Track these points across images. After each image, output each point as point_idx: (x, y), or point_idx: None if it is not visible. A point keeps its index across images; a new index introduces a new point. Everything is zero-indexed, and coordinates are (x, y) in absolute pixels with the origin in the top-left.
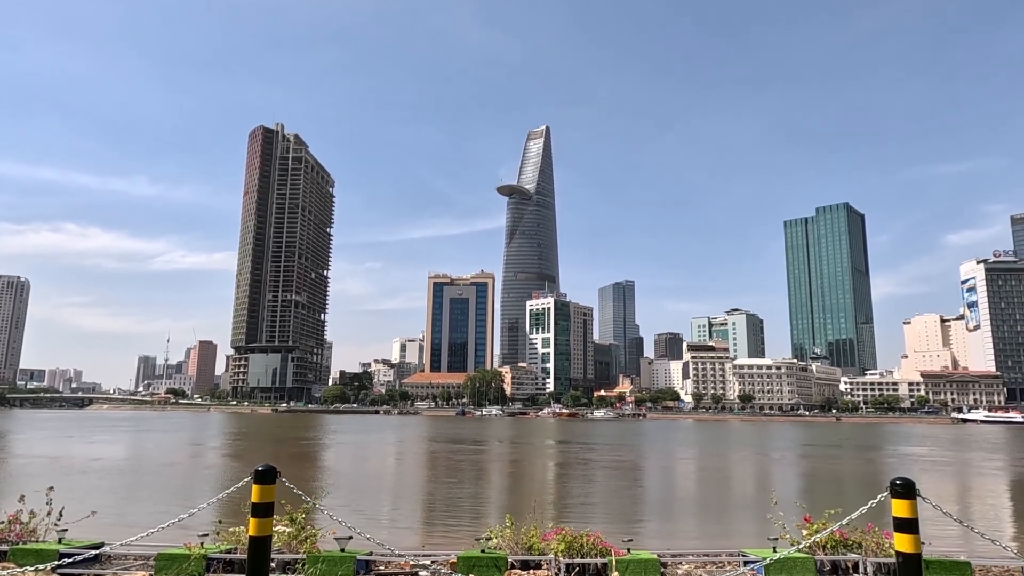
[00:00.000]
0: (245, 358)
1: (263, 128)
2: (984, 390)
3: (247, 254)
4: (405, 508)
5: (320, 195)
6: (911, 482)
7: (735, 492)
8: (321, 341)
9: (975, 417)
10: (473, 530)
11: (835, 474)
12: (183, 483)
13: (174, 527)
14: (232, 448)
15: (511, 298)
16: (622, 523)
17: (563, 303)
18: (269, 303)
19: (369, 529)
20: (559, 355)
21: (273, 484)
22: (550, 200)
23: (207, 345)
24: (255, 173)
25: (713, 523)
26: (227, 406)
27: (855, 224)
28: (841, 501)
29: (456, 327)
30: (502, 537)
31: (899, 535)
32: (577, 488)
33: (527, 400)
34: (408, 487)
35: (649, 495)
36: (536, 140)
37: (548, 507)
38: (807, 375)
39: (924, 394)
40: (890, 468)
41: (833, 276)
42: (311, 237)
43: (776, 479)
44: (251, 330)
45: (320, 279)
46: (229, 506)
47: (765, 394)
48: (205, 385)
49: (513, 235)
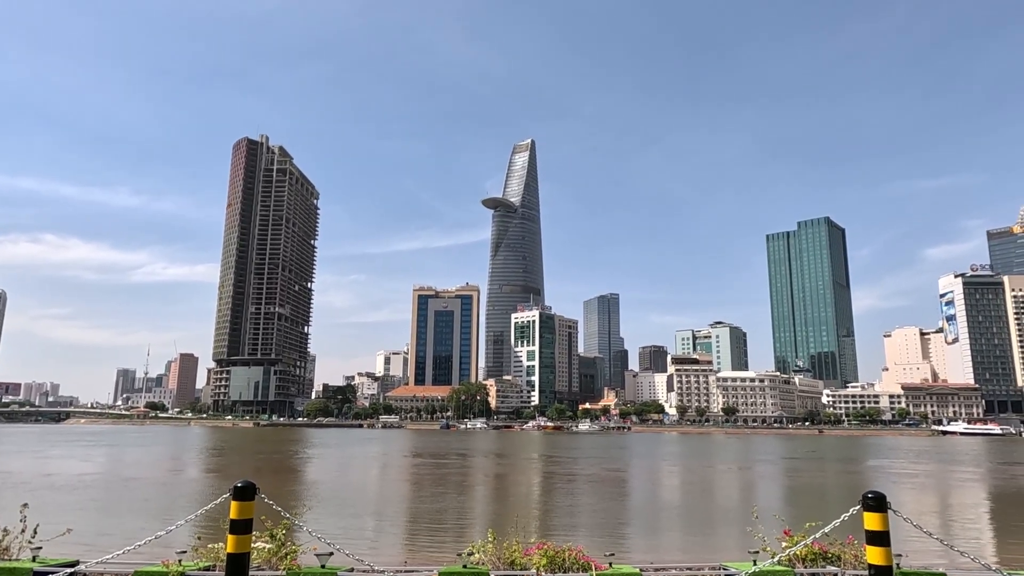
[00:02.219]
0: (227, 371)
1: (247, 139)
2: (963, 402)
3: (230, 266)
4: (388, 523)
5: (304, 207)
6: (882, 495)
7: (718, 505)
8: (304, 354)
9: (955, 429)
10: (456, 545)
11: (817, 487)
12: (161, 499)
13: (152, 544)
14: (213, 463)
15: (496, 311)
16: (606, 537)
17: (548, 316)
18: (252, 315)
19: (351, 545)
20: (544, 368)
21: (252, 500)
22: (535, 213)
23: (188, 358)
24: (239, 184)
25: (696, 536)
26: (208, 420)
27: (836, 238)
28: (822, 514)
29: (441, 340)
30: (484, 552)
31: (871, 548)
32: (561, 502)
33: (512, 413)
34: (391, 502)
35: (633, 508)
36: (522, 153)
37: (532, 521)
38: (790, 388)
39: (905, 406)
40: (870, 481)
41: (815, 289)
42: (295, 249)
43: (759, 492)
44: (233, 343)
45: (304, 291)
46: (209, 523)
47: (749, 407)
48: (186, 399)
49: (498, 248)
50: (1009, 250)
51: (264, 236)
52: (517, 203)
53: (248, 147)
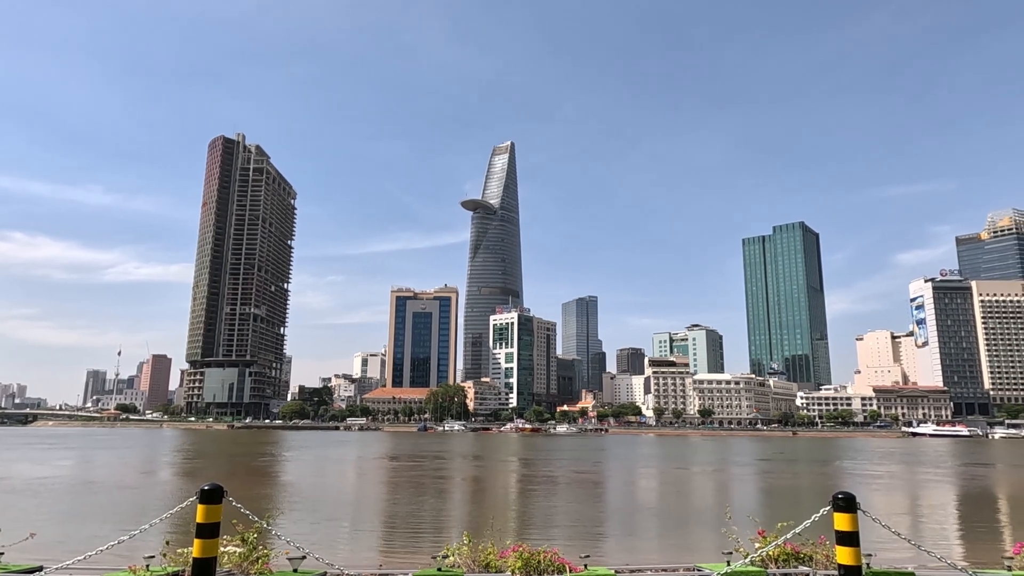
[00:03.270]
0: (201, 372)
1: (223, 138)
2: (932, 404)
3: (205, 266)
4: (364, 526)
5: (282, 207)
6: (852, 496)
7: (693, 507)
8: (280, 355)
9: (924, 431)
10: (433, 548)
11: (790, 488)
12: (130, 504)
13: (119, 549)
14: (184, 466)
15: (475, 313)
16: (582, 539)
17: (527, 318)
18: (227, 316)
19: (326, 548)
20: (522, 370)
21: (219, 504)
22: (514, 215)
23: (161, 359)
24: (214, 183)
25: (671, 538)
26: (181, 422)
27: (810, 243)
28: (795, 515)
29: (419, 342)
30: (459, 554)
31: (841, 548)
32: (538, 504)
33: (490, 415)
34: (367, 505)
35: (609, 510)
36: (501, 156)
37: (509, 523)
38: (765, 390)
39: (876, 408)
40: (842, 482)
41: (789, 293)
42: (271, 249)
43: (733, 493)
44: (208, 344)
45: (280, 292)
46: (180, 526)
47: (724, 409)
48: (158, 401)
49: (477, 250)
50: (977, 256)
51: (240, 236)
52: (496, 205)
53: (224, 146)
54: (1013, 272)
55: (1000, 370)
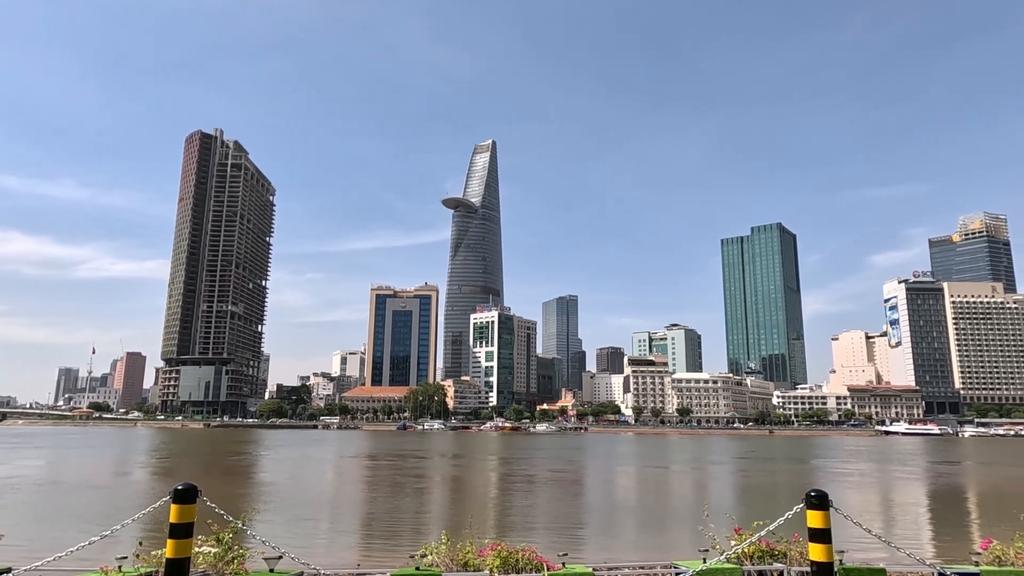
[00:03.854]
0: (176, 371)
1: (201, 133)
2: (905, 403)
3: (181, 262)
4: (342, 525)
5: (260, 203)
6: (825, 494)
7: (672, 504)
8: (258, 353)
9: (896, 430)
10: (411, 547)
11: (767, 486)
12: (102, 503)
13: (90, 550)
14: (159, 465)
15: (455, 311)
16: (562, 537)
17: (507, 317)
18: (203, 314)
19: (303, 548)
20: (502, 369)
21: (193, 503)
22: (495, 214)
23: (135, 357)
24: (191, 179)
25: (650, 535)
26: (156, 421)
27: (788, 244)
28: (771, 512)
29: (399, 340)
30: (437, 554)
31: (813, 545)
32: (517, 502)
33: (470, 414)
34: (345, 504)
35: (589, 508)
36: (482, 154)
37: (487, 522)
38: (742, 389)
39: (850, 407)
40: (817, 480)
41: (767, 293)
42: (249, 246)
43: (711, 491)
44: (183, 341)
45: (258, 289)
46: (154, 526)
47: (703, 407)
48: (132, 399)
49: (458, 248)
50: (949, 258)
51: (217, 232)
52: (477, 204)
53: (201, 141)
54: (983, 274)
55: (970, 370)
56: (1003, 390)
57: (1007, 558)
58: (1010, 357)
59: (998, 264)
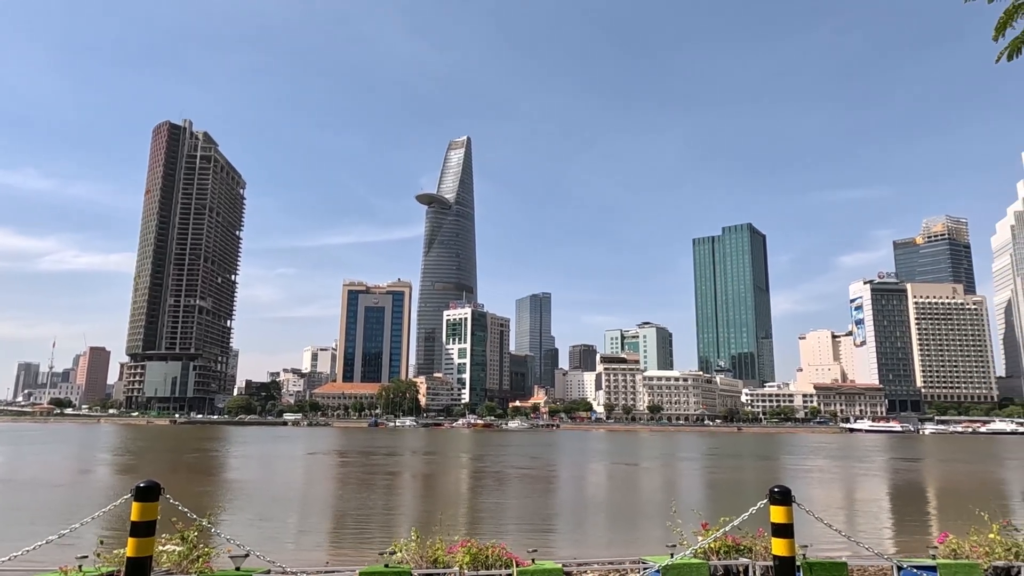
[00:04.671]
0: (142, 366)
1: (169, 124)
2: (868, 401)
3: (147, 256)
4: (311, 523)
5: (230, 196)
6: (788, 489)
7: (641, 501)
8: (226, 349)
9: (860, 427)
10: (381, 544)
11: (734, 482)
12: (63, 501)
13: (49, 549)
14: (123, 463)
15: (428, 308)
16: (531, 533)
17: (480, 314)
18: (170, 308)
19: (271, 546)
20: (475, 366)
21: (156, 501)
22: (470, 211)
23: (99, 352)
24: (159, 170)
25: (619, 531)
26: (120, 417)
27: (757, 244)
28: (738, 508)
29: (371, 336)
30: (407, 551)
31: (776, 539)
32: (488, 499)
33: (442, 411)
34: (314, 502)
35: (560, 505)
36: (457, 150)
37: (458, 519)
38: (712, 387)
39: (816, 405)
40: (782, 476)
41: (737, 293)
42: (218, 240)
43: (680, 488)
44: (149, 336)
45: (227, 284)
46: (116, 525)
47: (673, 405)
48: (96, 395)
49: (432, 244)
50: (913, 259)
51: (185, 225)
52: (452, 200)
53: (170, 132)
54: (945, 275)
55: (931, 369)
56: (962, 389)
57: (962, 551)
58: (969, 357)
59: (959, 266)
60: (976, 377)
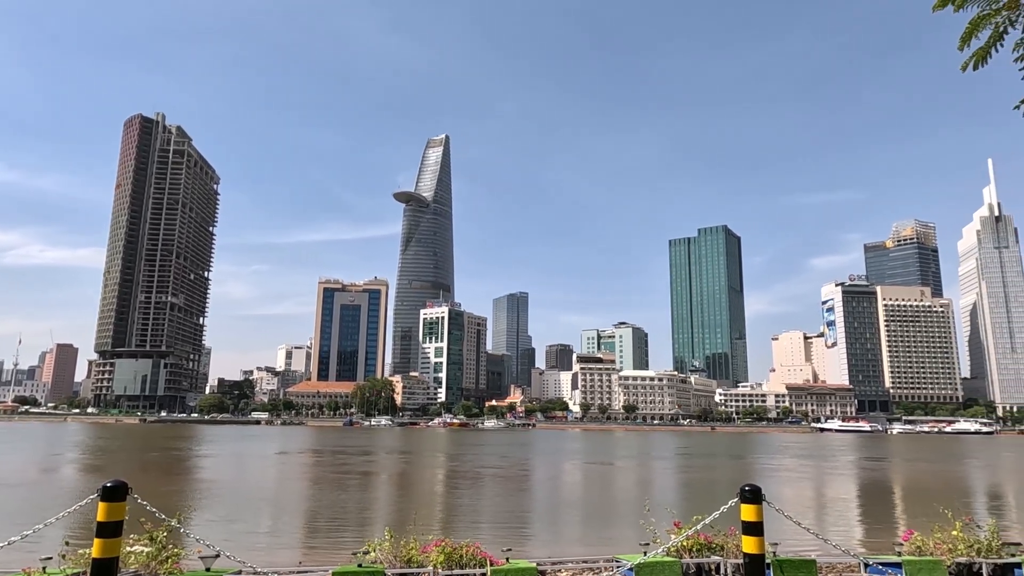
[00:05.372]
0: (111, 363)
1: (141, 117)
2: (839, 401)
3: (118, 251)
4: (284, 523)
5: (203, 191)
6: (758, 488)
7: (616, 499)
8: (199, 347)
9: (831, 426)
10: (354, 544)
11: (707, 481)
12: (27, 502)
13: (10, 551)
14: (89, 462)
15: (405, 306)
16: (506, 532)
17: (457, 313)
18: (141, 304)
19: (243, 546)
20: (452, 365)
21: (123, 501)
22: (447, 209)
23: (66, 349)
24: (130, 164)
25: (593, 530)
26: (88, 416)
27: (732, 246)
28: (710, 507)
29: (346, 335)
30: (381, 551)
31: (746, 537)
32: (464, 498)
33: (418, 410)
34: (288, 502)
35: (534, 504)
36: (435, 148)
37: (433, 518)
38: (686, 387)
39: (788, 405)
40: (754, 475)
41: (711, 294)
42: (191, 235)
43: (654, 486)
44: (119, 333)
45: (200, 280)
46: (83, 526)
47: (648, 404)
48: (62, 393)
49: (409, 243)
50: (883, 262)
51: (157, 220)
52: (429, 198)
53: (142, 125)
54: (913, 278)
55: (899, 370)
56: (928, 389)
57: (927, 548)
58: (935, 358)
59: (927, 269)
60: (942, 378)
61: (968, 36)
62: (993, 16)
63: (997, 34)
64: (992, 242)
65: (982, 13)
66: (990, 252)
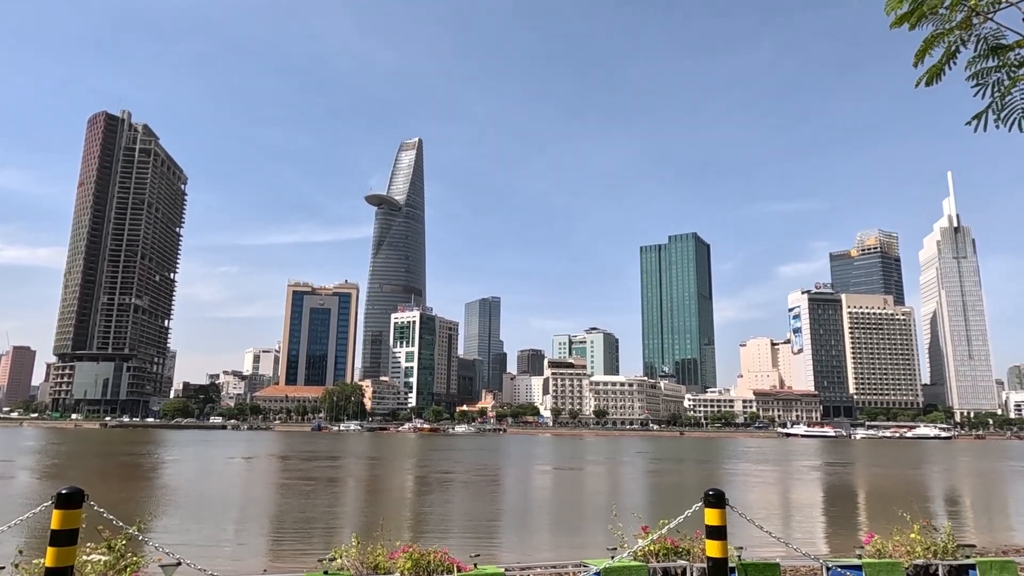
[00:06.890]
0: (71, 366)
1: (106, 114)
2: (805, 407)
3: (79, 251)
4: (249, 530)
5: (170, 191)
6: (722, 492)
7: (585, 504)
8: (163, 350)
9: (797, 432)
10: (321, 551)
11: (675, 485)
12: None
13: None
14: (45, 468)
15: (375, 310)
16: (474, 538)
17: (429, 317)
18: (104, 306)
19: (207, 554)
20: (423, 369)
21: (79, 508)
22: (420, 213)
23: (23, 351)
24: (93, 162)
25: (562, 535)
26: (46, 420)
27: (702, 253)
28: (677, 511)
29: (316, 338)
30: (347, 557)
31: (710, 541)
32: (432, 504)
33: (388, 415)
34: (252, 507)
35: (503, 509)
36: (408, 151)
37: (402, 524)
38: (656, 392)
39: (756, 411)
40: (721, 479)
41: (681, 300)
42: (157, 236)
43: (623, 490)
44: (80, 335)
45: (166, 282)
46: (38, 534)
47: (618, 409)
48: (19, 396)
49: (380, 246)
50: (848, 271)
51: (122, 220)
52: (402, 201)
53: (107, 122)
54: (876, 287)
55: (863, 376)
56: (891, 395)
57: (886, 551)
58: (897, 365)
59: (889, 278)
60: (904, 385)
61: (922, 53)
62: (946, 35)
63: (949, 52)
64: (951, 252)
65: (935, 32)
66: (949, 262)
